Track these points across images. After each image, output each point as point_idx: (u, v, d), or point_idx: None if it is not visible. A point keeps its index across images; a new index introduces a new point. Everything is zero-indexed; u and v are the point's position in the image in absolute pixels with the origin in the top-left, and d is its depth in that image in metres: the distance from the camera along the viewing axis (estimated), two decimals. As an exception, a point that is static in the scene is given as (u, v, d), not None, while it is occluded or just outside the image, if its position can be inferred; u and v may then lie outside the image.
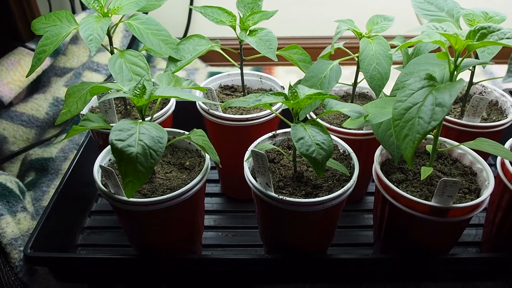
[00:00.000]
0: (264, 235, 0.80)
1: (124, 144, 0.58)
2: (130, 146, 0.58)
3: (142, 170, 0.58)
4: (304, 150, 0.60)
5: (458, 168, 0.77)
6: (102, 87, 0.66)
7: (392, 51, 0.78)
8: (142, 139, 0.59)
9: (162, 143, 0.61)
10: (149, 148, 0.59)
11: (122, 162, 0.58)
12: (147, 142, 0.59)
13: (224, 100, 0.94)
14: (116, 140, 0.58)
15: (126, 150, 0.58)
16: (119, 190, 0.67)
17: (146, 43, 0.77)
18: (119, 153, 0.58)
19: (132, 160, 0.58)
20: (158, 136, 0.61)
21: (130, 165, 0.58)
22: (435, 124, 0.55)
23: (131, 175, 0.58)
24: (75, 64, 1.43)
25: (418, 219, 0.69)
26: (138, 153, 0.58)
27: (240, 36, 0.81)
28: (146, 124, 0.62)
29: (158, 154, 0.59)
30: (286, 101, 0.64)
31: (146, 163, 0.58)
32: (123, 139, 0.59)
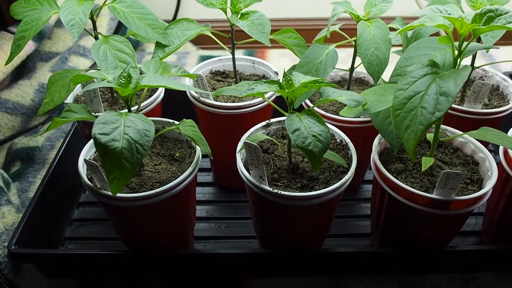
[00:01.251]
0: (258, 228, 0.78)
1: (108, 139, 0.54)
2: (115, 140, 0.54)
3: (127, 166, 0.54)
4: (300, 142, 0.57)
5: (459, 157, 0.74)
6: (85, 76, 0.62)
7: (391, 34, 0.74)
8: (128, 133, 0.55)
9: (149, 136, 0.57)
10: (135, 142, 0.55)
11: (106, 157, 0.54)
12: (133, 135, 0.56)
13: (216, 86, 0.91)
14: (99, 134, 0.54)
15: (110, 145, 0.54)
16: (105, 185, 0.64)
17: (132, 27, 0.73)
18: (102, 148, 0.54)
19: (117, 156, 0.54)
20: (145, 129, 0.57)
21: (115, 161, 0.54)
22: (440, 115, 0.51)
23: (116, 172, 0.54)
24: (61, 48, 1.38)
25: (419, 212, 0.66)
26: (123, 148, 0.54)
27: (231, 20, 0.77)
28: (131, 116, 0.58)
29: (144, 149, 0.56)
30: (281, 90, 0.61)
31: (132, 159, 0.55)
32: (107, 132, 0.55)
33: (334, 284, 0.79)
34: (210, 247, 0.87)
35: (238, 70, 0.96)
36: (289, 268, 0.79)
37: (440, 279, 0.79)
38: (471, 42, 0.60)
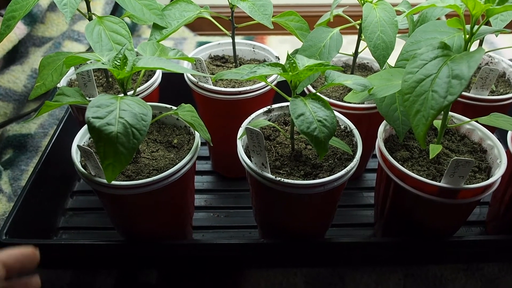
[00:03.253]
0: (259, 217, 0.75)
1: (102, 122, 0.51)
2: (110, 124, 0.51)
3: (123, 152, 0.51)
4: (304, 128, 0.54)
5: (466, 144, 0.72)
6: (78, 58, 0.59)
7: (398, 17, 0.71)
8: (123, 116, 0.52)
9: (146, 120, 0.54)
10: (131, 126, 0.52)
11: (101, 142, 0.51)
12: (129, 119, 0.52)
13: (215, 71, 0.88)
14: (93, 118, 0.51)
15: (105, 129, 0.51)
16: (100, 172, 0.61)
17: (128, 8, 0.70)
18: (97, 132, 0.51)
19: (112, 141, 0.51)
20: (142, 113, 0.54)
21: (110, 146, 0.51)
22: (452, 99, 0.49)
23: (111, 157, 0.51)
24: (54, 33, 1.34)
25: (425, 200, 0.64)
26: (118, 132, 0.51)
27: (232, 1, 0.74)
28: (127, 99, 0.55)
29: (141, 133, 0.53)
30: (284, 73, 0.58)
31: (128, 144, 0.52)
32: (101, 116, 0.52)
33: (337, 275, 0.77)
34: (208, 237, 0.85)
35: (238, 55, 0.93)
36: (290, 258, 0.77)
37: (444, 270, 0.77)
38: (482, 24, 0.57)
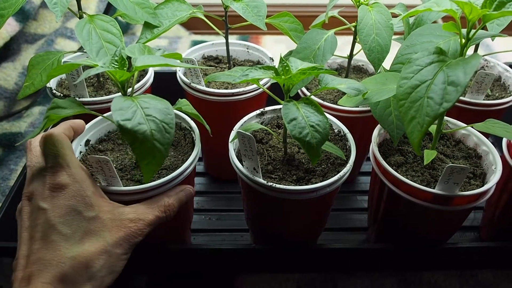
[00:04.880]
0: (251, 221, 0.74)
1: (134, 123, 0.50)
2: (141, 123, 0.50)
3: (160, 148, 0.51)
4: (296, 133, 0.53)
5: (461, 150, 0.71)
6: (71, 65, 0.57)
7: (393, 20, 0.70)
8: (151, 114, 0.51)
9: (171, 114, 0.53)
10: (161, 121, 0.52)
11: (136, 143, 0.50)
12: (158, 115, 0.52)
13: (208, 72, 0.86)
14: (123, 121, 0.50)
15: (138, 129, 0.50)
16: (114, 180, 0.59)
17: (119, 7, 0.69)
18: (131, 134, 0.50)
19: (148, 139, 0.50)
20: (165, 107, 0.53)
21: (146, 144, 0.50)
22: (448, 106, 0.48)
23: (150, 156, 0.51)
24: (47, 30, 1.33)
25: (419, 207, 0.63)
26: (152, 129, 0.50)
27: (225, 2, 0.73)
28: (142, 97, 0.54)
29: (171, 127, 0.52)
30: (277, 77, 0.57)
31: (163, 139, 0.51)
32: (129, 118, 0.50)
33: (330, 280, 0.76)
34: (200, 240, 0.84)
35: (231, 55, 0.92)
36: (282, 264, 0.76)
37: (438, 276, 0.77)
38: (479, 29, 0.56)
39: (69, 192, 0.53)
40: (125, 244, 0.54)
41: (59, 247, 0.50)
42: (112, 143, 0.69)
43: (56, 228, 0.51)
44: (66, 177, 0.53)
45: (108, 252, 0.52)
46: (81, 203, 0.53)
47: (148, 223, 0.56)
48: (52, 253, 0.50)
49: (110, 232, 0.53)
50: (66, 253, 0.50)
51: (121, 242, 0.53)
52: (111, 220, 0.54)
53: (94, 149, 0.67)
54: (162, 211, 0.58)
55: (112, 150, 0.67)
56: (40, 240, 0.51)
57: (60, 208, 0.52)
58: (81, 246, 0.51)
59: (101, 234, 0.53)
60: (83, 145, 0.67)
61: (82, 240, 0.52)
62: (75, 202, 0.53)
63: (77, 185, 0.53)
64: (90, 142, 0.68)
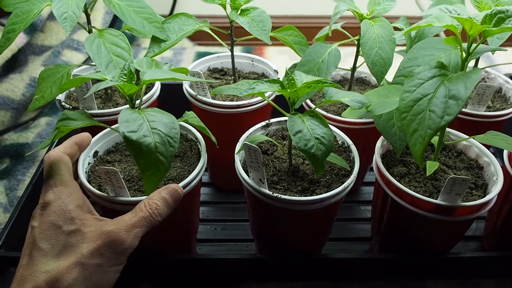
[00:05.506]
0: (256, 231, 0.75)
1: (139, 135, 0.52)
2: (146, 136, 0.52)
3: (163, 161, 0.53)
4: (302, 145, 0.55)
5: (463, 161, 0.72)
6: (81, 79, 0.58)
7: (396, 34, 0.72)
8: (156, 127, 0.54)
9: (175, 128, 0.55)
10: (166, 135, 0.54)
11: (141, 155, 0.52)
12: (163, 129, 0.54)
13: (213, 84, 0.88)
14: (128, 133, 0.52)
15: (143, 141, 0.52)
16: (121, 191, 0.60)
17: (128, 21, 0.70)
18: (136, 145, 0.52)
19: (152, 151, 0.52)
20: (170, 122, 0.55)
21: (151, 156, 0.52)
22: (449, 119, 0.49)
23: (152, 168, 0.53)
24: (54, 42, 1.34)
25: (422, 217, 0.64)
26: (156, 142, 0.53)
27: (231, 16, 0.75)
28: (149, 110, 0.56)
29: (175, 141, 0.54)
30: (283, 90, 0.58)
31: (167, 152, 0.53)
32: (135, 130, 0.52)
33: (333, 290, 0.77)
34: (205, 250, 0.85)
35: (236, 67, 0.93)
36: (287, 273, 0.77)
37: (441, 285, 0.78)
38: (479, 44, 0.58)
39: (52, 209, 0.55)
40: (107, 252, 0.53)
41: (38, 262, 0.52)
42: (119, 154, 0.70)
43: (37, 244, 0.53)
44: (51, 195, 0.56)
45: (82, 264, 0.52)
46: (61, 217, 0.55)
47: (132, 224, 0.55)
48: (30, 268, 0.52)
49: (87, 244, 0.53)
50: (42, 268, 0.52)
51: (101, 251, 0.53)
52: (92, 232, 0.55)
53: (102, 160, 0.69)
54: (144, 211, 0.57)
55: (119, 161, 0.69)
56: (26, 256, 0.54)
57: (43, 225, 0.54)
58: (57, 260, 0.52)
59: (78, 247, 0.53)
60: (92, 156, 0.68)
61: (59, 254, 0.53)
62: (55, 217, 0.55)
63: (59, 201, 0.56)
64: (98, 154, 0.69)
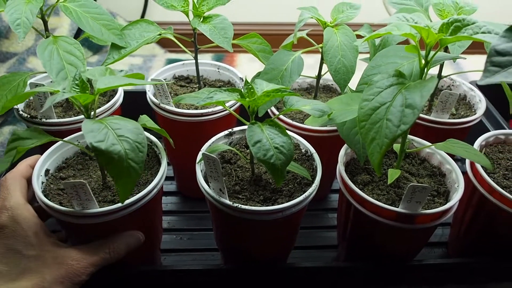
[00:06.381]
0: (220, 241, 0.74)
1: (108, 144, 0.51)
2: (114, 144, 0.52)
3: (135, 167, 0.52)
4: (261, 155, 0.54)
5: (426, 168, 0.73)
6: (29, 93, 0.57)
7: (358, 42, 0.72)
8: (123, 134, 0.53)
9: (142, 134, 0.55)
10: (134, 141, 0.53)
11: (112, 164, 0.51)
12: (130, 136, 0.53)
13: (178, 92, 0.87)
14: (96, 143, 0.51)
15: (113, 150, 0.51)
16: (89, 203, 0.58)
17: (86, 28, 0.69)
18: (106, 155, 0.51)
19: (123, 158, 0.52)
20: (135, 127, 0.55)
21: (122, 164, 0.51)
22: (405, 128, 0.49)
23: (125, 175, 0.52)
24: (19, 48, 1.32)
25: (384, 225, 0.64)
26: (126, 149, 0.52)
27: (193, 24, 0.74)
28: (110, 119, 0.55)
29: (144, 146, 0.54)
30: (242, 99, 0.57)
31: (138, 158, 0.53)
32: (102, 139, 0.51)
33: (299, 299, 0.76)
34: (170, 261, 0.83)
35: (202, 75, 0.92)
36: (253, 283, 0.76)
37: (406, 293, 0.77)
38: (438, 52, 0.58)
39: (8, 232, 0.56)
40: (66, 282, 0.55)
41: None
42: (72, 169, 0.68)
43: None
44: (7, 219, 0.57)
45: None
46: (20, 242, 0.55)
47: (92, 263, 0.58)
48: None
49: (50, 270, 0.55)
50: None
51: (62, 280, 0.55)
52: (53, 258, 0.56)
53: (56, 177, 0.67)
54: (107, 252, 0.60)
55: (74, 176, 0.67)
56: None
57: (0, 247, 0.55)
58: (17, 282, 0.53)
59: (40, 271, 0.55)
60: (43, 175, 0.66)
61: (19, 277, 0.54)
62: (13, 241, 0.55)
63: (16, 226, 0.56)
64: (49, 172, 0.67)
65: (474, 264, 0.75)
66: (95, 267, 0.58)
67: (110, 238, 0.62)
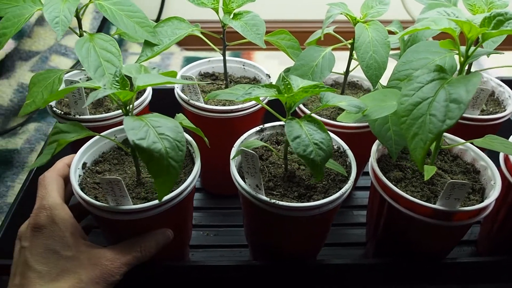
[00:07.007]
0: (251, 237, 0.74)
1: (149, 142, 0.51)
2: (155, 142, 0.52)
3: (175, 165, 0.53)
4: (301, 151, 0.54)
5: (459, 165, 0.72)
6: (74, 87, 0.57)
7: (390, 38, 0.71)
8: (163, 132, 0.53)
9: (181, 132, 0.55)
10: (174, 140, 0.53)
11: (153, 161, 0.51)
12: (170, 134, 0.53)
13: (205, 89, 0.87)
14: (138, 140, 0.51)
15: (154, 148, 0.51)
16: (123, 200, 0.59)
17: (120, 26, 0.69)
18: (147, 153, 0.51)
19: (164, 157, 0.52)
20: (175, 126, 0.55)
21: (162, 162, 0.52)
22: (451, 123, 0.49)
23: (164, 174, 0.52)
24: (41, 47, 1.32)
25: (419, 222, 0.64)
26: (167, 147, 0.52)
27: (224, 20, 0.74)
28: (149, 116, 0.55)
29: (183, 145, 0.54)
30: (280, 95, 0.57)
31: (177, 157, 0.53)
32: (143, 137, 0.52)
33: (329, 296, 0.76)
34: (198, 257, 0.83)
35: (228, 72, 0.92)
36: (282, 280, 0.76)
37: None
38: (478, 47, 0.57)
39: (47, 233, 0.56)
40: (101, 283, 0.56)
41: (34, 284, 0.54)
42: (108, 163, 0.68)
43: (32, 266, 0.55)
44: (45, 219, 0.57)
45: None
46: (58, 243, 0.56)
47: (124, 262, 0.58)
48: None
49: (85, 270, 0.56)
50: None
51: (97, 280, 0.56)
52: (88, 259, 0.57)
53: (92, 171, 0.67)
54: (138, 251, 0.60)
55: (109, 171, 0.67)
56: (19, 276, 0.55)
57: (38, 247, 0.56)
58: (56, 283, 0.54)
59: (76, 272, 0.55)
60: (81, 168, 0.66)
61: (57, 278, 0.54)
62: (51, 241, 0.56)
63: (54, 226, 0.57)
64: (86, 165, 0.67)
65: (507, 262, 0.74)
66: (128, 267, 0.59)
67: (141, 237, 0.62)
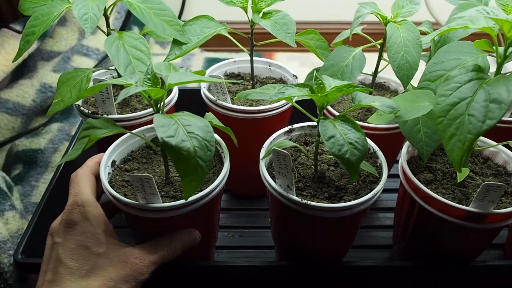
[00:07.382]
0: (279, 238, 0.73)
1: (178, 140, 0.51)
2: (184, 141, 0.52)
3: (202, 165, 0.52)
4: (336, 150, 0.53)
5: (490, 167, 0.71)
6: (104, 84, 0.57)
7: (424, 38, 0.71)
8: (193, 131, 0.53)
9: (211, 132, 0.55)
10: (203, 139, 0.53)
11: (181, 160, 0.51)
12: (199, 133, 0.53)
13: (231, 89, 0.87)
14: (167, 138, 0.51)
15: (182, 146, 0.51)
16: (153, 198, 0.59)
17: (149, 24, 0.69)
18: (176, 151, 0.51)
19: (192, 156, 0.51)
20: (205, 125, 0.55)
21: (190, 161, 0.51)
22: (491, 123, 0.48)
23: (192, 173, 0.52)
24: (63, 47, 1.33)
25: (451, 224, 0.63)
26: (195, 146, 0.52)
27: (253, 19, 0.73)
28: (179, 114, 0.55)
29: (212, 145, 0.54)
30: (313, 95, 0.57)
31: (206, 156, 0.53)
32: (172, 135, 0.51)
33: (357, 299, 0.75)
34: (223, 257, 0.83)
35: (253, 72, 0.92)
36: (308, 281, 0.75)
37: (466, 294, 0.76)
38: (514, 47, 0.56)
39: (79, 229, 0.57)
40: (131, 281, 0.56)
41: (65, 279, 0.54)
42: (137, 162, 0.68)
43: (63, 262, 0.55)
44: (78, 215, 0.57)
45: (110, 287, 0.55)
46: (90, 239, 0.56)
47: (153, 261, 0.59)
48: (58, 285, 0.54)
49: (115, 268, 0.56)
50: (71, 286, 0.54)
51: (127, 279, 0.56)
52: (118, 257, 0.57)
53: (121, 169, 0.67)
54: (164, 250, 0.61)
55: (138, 169, 0.67)
56: (50, 272, 0.56)
57: (70, 243, 0.56)
58: (86, 280, 0.54)
59: (106, 270, 0.56)
60: (110, 166, 0.66)
61: (88, 274, 0.55)
62: (84, 238, 0.56)
63: (87, 223, 0.57)
64: (116, 163, 0.68)
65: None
66: (155, 265, 0.59)
67: (168, 236, 0.62)
